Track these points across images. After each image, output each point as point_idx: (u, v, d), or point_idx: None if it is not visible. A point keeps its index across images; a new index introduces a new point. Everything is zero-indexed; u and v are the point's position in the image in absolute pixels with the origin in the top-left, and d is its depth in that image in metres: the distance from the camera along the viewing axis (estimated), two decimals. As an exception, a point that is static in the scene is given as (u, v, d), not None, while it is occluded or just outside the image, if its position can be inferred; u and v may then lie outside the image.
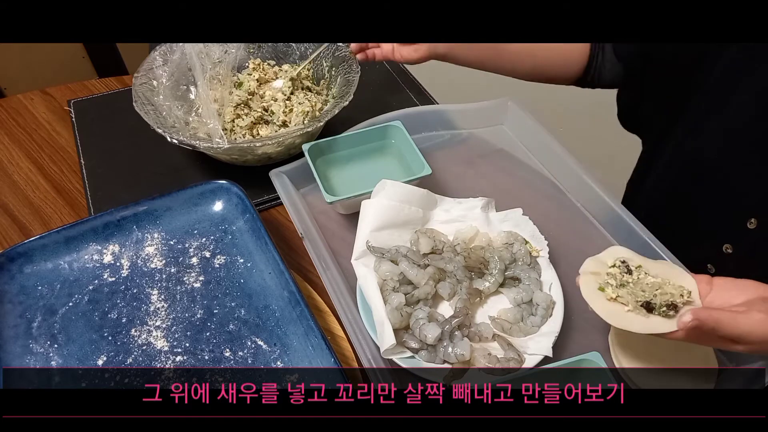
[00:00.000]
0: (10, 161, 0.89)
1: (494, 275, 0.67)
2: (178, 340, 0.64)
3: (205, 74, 0.84)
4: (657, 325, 0.54)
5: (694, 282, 0.57)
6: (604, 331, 0.65)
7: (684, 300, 0.54)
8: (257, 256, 0.71)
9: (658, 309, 0.54)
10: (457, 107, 0.90)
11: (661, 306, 0.54)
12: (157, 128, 0.77)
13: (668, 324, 0.53)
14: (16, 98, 0.99)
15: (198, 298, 0.68)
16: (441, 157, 0.85)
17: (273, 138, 0.78)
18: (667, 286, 0.56)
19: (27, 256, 0.68)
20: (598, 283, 0.57)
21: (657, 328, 0.53)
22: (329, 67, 0.91)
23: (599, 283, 0.57)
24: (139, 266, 0.70)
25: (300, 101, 0.87)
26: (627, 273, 0.58)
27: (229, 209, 0.75)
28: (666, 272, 0.58)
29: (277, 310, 0.66)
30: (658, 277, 0.57)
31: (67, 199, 0.84)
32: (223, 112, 0.85)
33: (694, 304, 0.55)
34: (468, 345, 0.60)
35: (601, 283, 0.57)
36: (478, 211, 0.73)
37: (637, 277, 0.57)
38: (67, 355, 0.62)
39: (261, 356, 0.63)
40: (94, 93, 1.00)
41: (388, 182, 0.70)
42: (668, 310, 0.54)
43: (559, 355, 0.63)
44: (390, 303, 0.63)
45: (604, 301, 0.56)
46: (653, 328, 0.53)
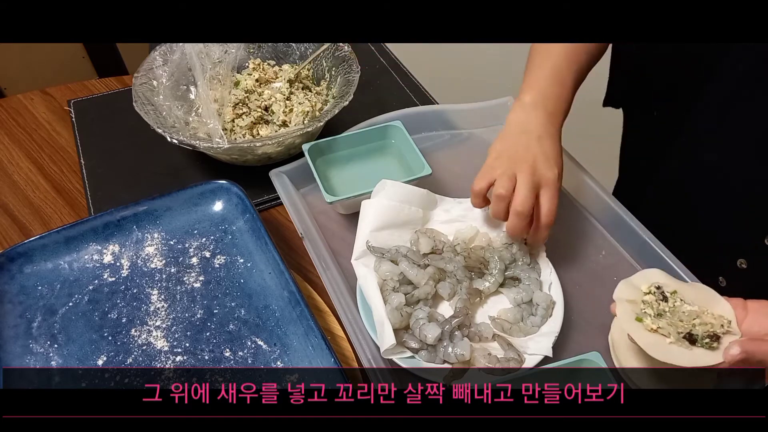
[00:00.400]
0: (10, 161, 0.89)
1: (494, 275, 0.67)
2: (178, 340, 0.64)
3: (205, 74, 0.84)
4: (701, 357, 0.53)
5: (730, 307, 0.56)
6: (604, 331, 0.65)
7: (724, 330, 0.54)
8: (257, 256, 0.71)
9: (700, 341, 0.53)
10: (457, 107, 0.90)
11: (704, 337, 0.53)
12: (157, 128, 0.77)
13: (712, 356, 0.53)
14: (16, 98, 0.99)
15: (198, 298, 0.68)
16: (441, 157, 0.85)
17: (273, 138, 0.78)
18: (705, 315, 0.55)
19: (27, 256, 0.68)
20: (634, 313, 0.56)
21: (702, 361, 0.53)
22: (329, 67, 0.91)
23: (636, 313, 0.56)
24: (139, 266, 0.70)
25: (300, 101, 0.87)
26: (663, 300, 0.57)
27: (229, 209, 0.75)
28: (700, 297, 0.58)
29: (277, 310, 0.66)
30: (693, 303, 0.57)
31: (67, 199, 0.84)
32: (223, 112, 0.85)
33: (733, 333, 0.54)
34: (468, 345, 0.60)
35: (639, 313, 0.56)
36: (478, 210, 0.73)
37: (674, 304, 0.57)
38: (67, 355, 0.63)
39: (261, 356, 0.63)
40: (94, 93, 1.00)
41: (388, 182, 0.70)
42: (711, 342, 0.53)
43: (559, 355, 0.63)
44: (390, 303, 0.63)
45: (644, 332, 0.55)
46: (698, 361, 0.53)
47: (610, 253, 0.74)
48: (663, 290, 0.58)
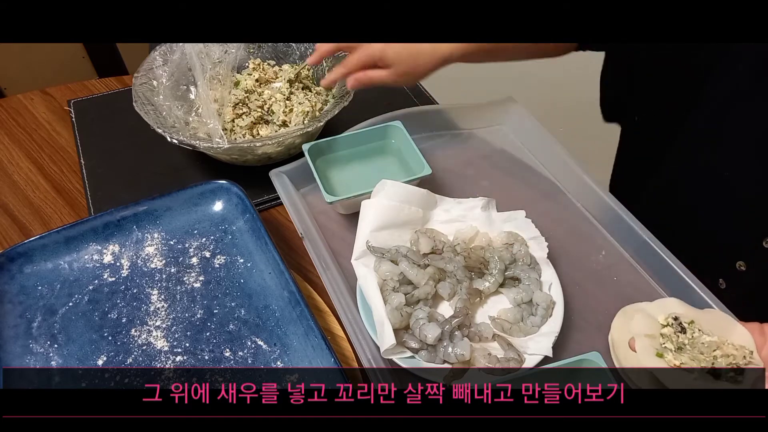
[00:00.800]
0: (10, 161, 0.89)
1: (494, 275, 0.67)
2: (178, 340, 0.64)
3: (205, 74, 0.85)
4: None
5: (748, 334, 0.56)
6: (604, 331, 0.65)
7: (747, 361, 0.53)
8: (257, 256, 0.71)
9: (724, 375, 0.53)
10: (457, 107, 0.90)
11: (728, 372, 0.53)
12: (157, 128, 0.77)
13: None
14: (16, 98, 0.99)
15: (198, 298, 0.68)
16: (441, 157, 0.85)
17: (273, 138, 0.78)
18: (726, 347, 0.55)
19: (27, 256, 0.68)
20: (653, 348, 0.56)
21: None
22: (329, 67, 0.91)
23: (656, 348, 0.56)
24: (139, 266, 0.70)
25: (300, 101, 0.87)
26: (681, 332, 0.57)
27: (229, 209, 0.75)
28: (717, 324, 0.57)
29: (277, 310, 0.66)
30: (711, 333, 0.56)
31: (67, 199, 0.84)
32: (223, 112, 0.85)
33: (755, 363, 0.54)
34: (468, 345, 0.60)
35: (659, 349, 0.56)
36: (478, 211, 0.73)
37: (692, 335, 0.56)
38: (67, 355, 0.62)
39: (261, 356, 0.63)
40: (94, 93, 1.00)
41: (388, 182, 0.70)
42: (735, 375, 0.53)
43: (559, 355, 0.63)
44: (390, 303, 0.63)
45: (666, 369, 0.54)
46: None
47: (610, 253, 0.74)
48: (681, 321, 0.57)
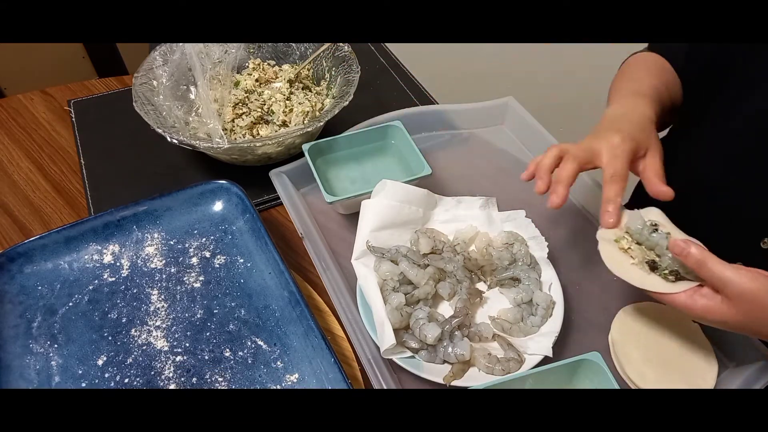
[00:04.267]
0: (10, 161, 0.89)
1: (494, 275, 0.67)
2: (178, 340, 0.64)
3: (205, 74, 0.85)
4: (653, 283, 0.55)
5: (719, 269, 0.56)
6: (604, 331, 0.65)
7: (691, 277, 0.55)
8: (257, 256, 0.71)
9: (660, 270, 0.55)
10: (457, 107, 0.90)
11: (665, 269, 0.55)
12: (157, 128, 0.77)
13: (664, 286, 0.54)
14: (16, 98, 0.99)
15: (198, 298, 0.68)
16: (441, 157, 0.85)
17: (273, 138, 0.78)
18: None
19: (27, 256, 0.68)
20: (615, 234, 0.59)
21: (653, 286, 0.55)
22: (329, 67, 0.91)
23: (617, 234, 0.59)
24: (139, 266, 0.70)
25: (300, 101, 0.87)
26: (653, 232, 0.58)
27: (229, 209, 0.75)
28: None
29: (277, 310, 0.66)
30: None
31: (67, 199, 0.84)
32: (223, 112, 0.85)
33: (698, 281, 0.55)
34: (468, 345, 0.60)
35: (618, 235, 0.58)
36: (478, 210, 0.73)
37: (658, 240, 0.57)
38: (67, 355, 0.63)
39: (261, 356, 0.63)
40: (94, 93, 1.00)
41: (388, 182, 0.70)
42: (669, 275, 0.55)
43: (559, 355, 0.63)
44: (390, 303, 0.63)
45: (613, 249, 0.58)
46: (649, 285, 0.55)
47: (610, 253, 0.74)
48: (657, 227, 0.58)
